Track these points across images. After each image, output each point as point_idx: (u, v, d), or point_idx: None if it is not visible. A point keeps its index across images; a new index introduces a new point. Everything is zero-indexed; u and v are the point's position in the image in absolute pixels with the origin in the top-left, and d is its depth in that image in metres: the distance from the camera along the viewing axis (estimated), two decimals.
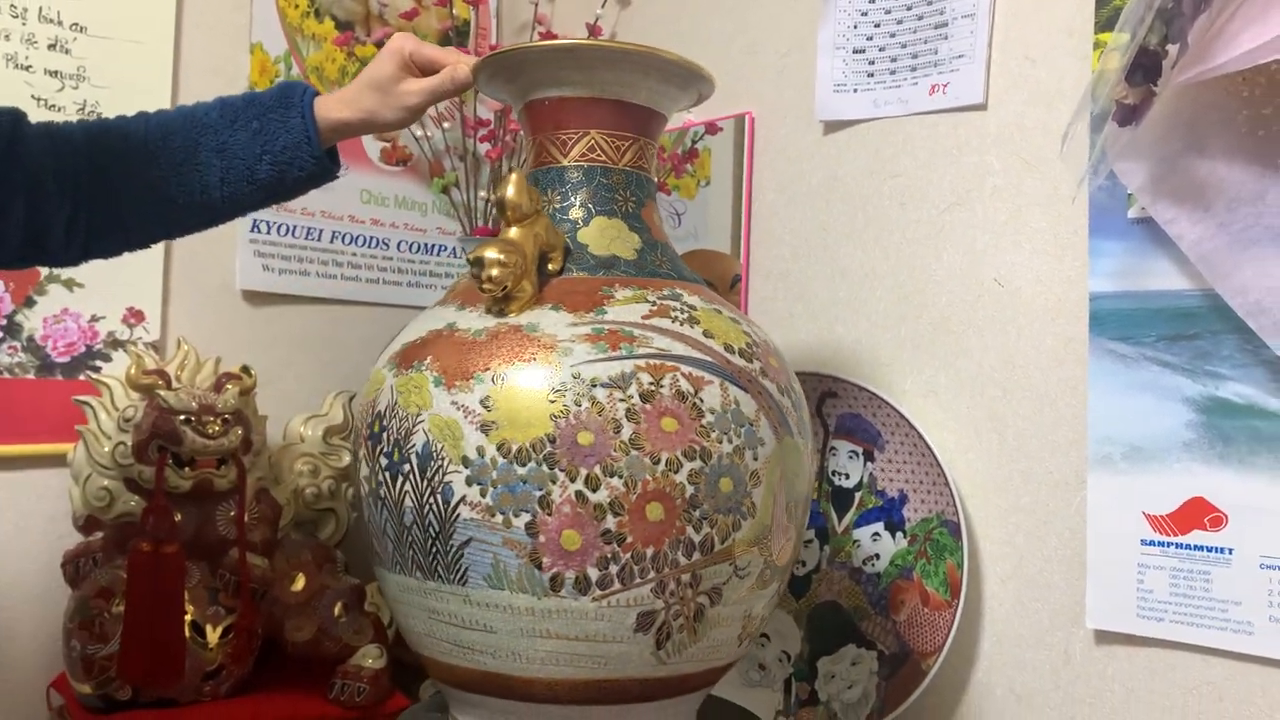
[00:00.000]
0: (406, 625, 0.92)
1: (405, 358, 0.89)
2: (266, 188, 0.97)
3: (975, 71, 1.14)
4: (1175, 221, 0.94)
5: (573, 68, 0.93)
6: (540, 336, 0.84)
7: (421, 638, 0.90)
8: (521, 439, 0.81)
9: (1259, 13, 0.82)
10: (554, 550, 0.81)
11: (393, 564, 0.89)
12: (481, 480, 0.81)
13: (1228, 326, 0.93)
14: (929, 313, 1.17)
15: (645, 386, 0.83)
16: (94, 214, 0.93)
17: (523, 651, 0.84)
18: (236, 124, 0.95)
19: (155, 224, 0.97)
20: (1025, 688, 1.07)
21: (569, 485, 0.81)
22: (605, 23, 1.58)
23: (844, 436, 1.20)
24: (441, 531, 0.83)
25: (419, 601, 0.87)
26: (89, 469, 1.22)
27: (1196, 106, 0.93)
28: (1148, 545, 0.98)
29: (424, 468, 0.83)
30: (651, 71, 0.94)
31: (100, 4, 1.33)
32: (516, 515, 0.81)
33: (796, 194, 1.32)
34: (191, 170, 0.94)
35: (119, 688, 1.16)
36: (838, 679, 1.16)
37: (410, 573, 0.87)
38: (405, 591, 0.89)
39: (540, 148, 0.97)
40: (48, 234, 0.91)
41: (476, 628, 0.85)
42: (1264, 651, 0.92)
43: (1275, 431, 0.91)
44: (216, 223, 1.00)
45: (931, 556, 1.11)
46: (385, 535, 0.88)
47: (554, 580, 0.81)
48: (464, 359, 0.84)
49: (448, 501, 0.82)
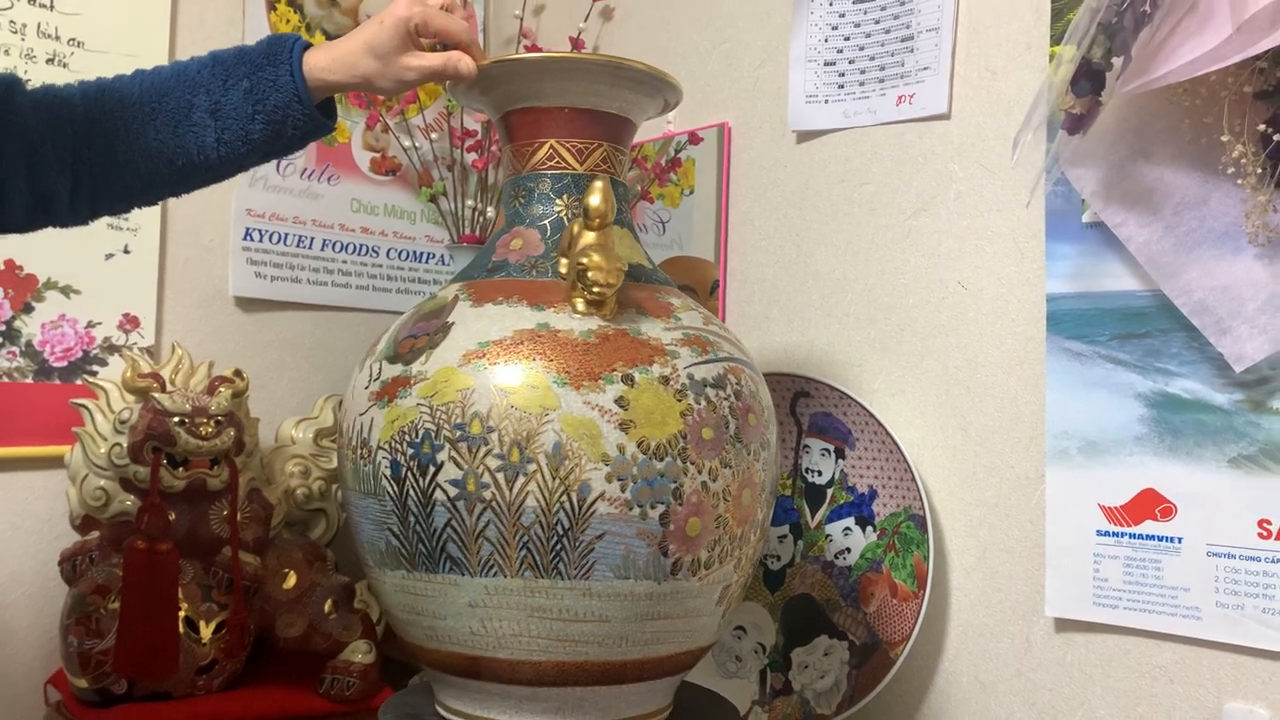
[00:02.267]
0: (483, 629, 0.90)
1: (495, 357, 0.88)
2: (263, 145, 0.96)
3: (939, 83, 1.19)
4: (1125, 225, 0.99)
5: (547, 79, 0.98)
6: (647, 340, 0.92)
7: (506, 639, 0.89)
8: (659, 436, 0.87)
9: (1197, 27, 0.86)
10: (680, 537, 0.89)
11: (481, 568, 0.87)
12: (622, 476, 0.86)
13: (1176, 325, 0.98)
14: (897, 315, 1.22)
15: (734, 386, 0.94)
16: (97, 176, 0.93)
17: (631, 635, 0.90)
18: (229, 82, 0.95)
19: (160, 184, 0.97)
20: (989, 675, 1.12)
21: (696, 477, 0.89)
22: (588, 36, 1.63)
23: (816, 435, 1.25)
24: (573, 527, 0.86)
25: (519, 602, 0.88)
26: (86, 470, 1.25)
27: (1143, 116, 0.97)
28: (1103, 536, 1.02)
29: (556, 467, 0.85)
30: (621, 81, 0.99)
31: (97, 20, 1.37)
32: (653, 507, 0.87)
33: (771, 202, 1.36)
34: (187, 131, 0.94)
35: (115, 681, 1.20)
36: (811, 669, 1.20)
37: (514, 573, 0.87)
38: (496, 594, 0.88)
39: (522, 155, 1.02)
40: (53, 198, 0.92)
41: (591, 619, 0.88)
42: (1211, 635, 0.96)
43: (1220, 425, 0.96)
44: (221, 179, 0.99)
45: (899, 550, 1.16)
46: (472, 538, 0.87)
47: (675, 565, 0.89)
48: (585, 361, 0.88)
49: (583, 498, 0.85)
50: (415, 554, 0.90)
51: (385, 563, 0.94)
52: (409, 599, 0.93)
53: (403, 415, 0.89)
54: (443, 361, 0.90)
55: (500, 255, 1.00)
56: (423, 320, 0.96)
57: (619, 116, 1.02)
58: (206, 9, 1.46)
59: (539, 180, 1.01)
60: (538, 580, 0.87)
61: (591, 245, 0.90)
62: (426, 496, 0.88)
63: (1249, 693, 0.95)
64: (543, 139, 1.00)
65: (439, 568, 0.89)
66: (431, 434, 0.88)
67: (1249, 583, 0.94)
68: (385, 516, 0.91)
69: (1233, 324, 0.93)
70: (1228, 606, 0.95)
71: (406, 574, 0.92)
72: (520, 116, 1.01)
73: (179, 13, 1.44)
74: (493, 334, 0.90)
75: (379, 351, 0.97)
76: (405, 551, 0.91)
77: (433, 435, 0.88)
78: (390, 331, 0.99)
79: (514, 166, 1.03)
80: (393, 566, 0.93)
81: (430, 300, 1.00)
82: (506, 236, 1.01)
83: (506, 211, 1.03)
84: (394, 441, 0.89)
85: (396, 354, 0.94)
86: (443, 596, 0.90)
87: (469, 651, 0.92)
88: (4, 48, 1.31)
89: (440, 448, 0.87)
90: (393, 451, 0.89)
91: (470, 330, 0.91)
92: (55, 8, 1.34)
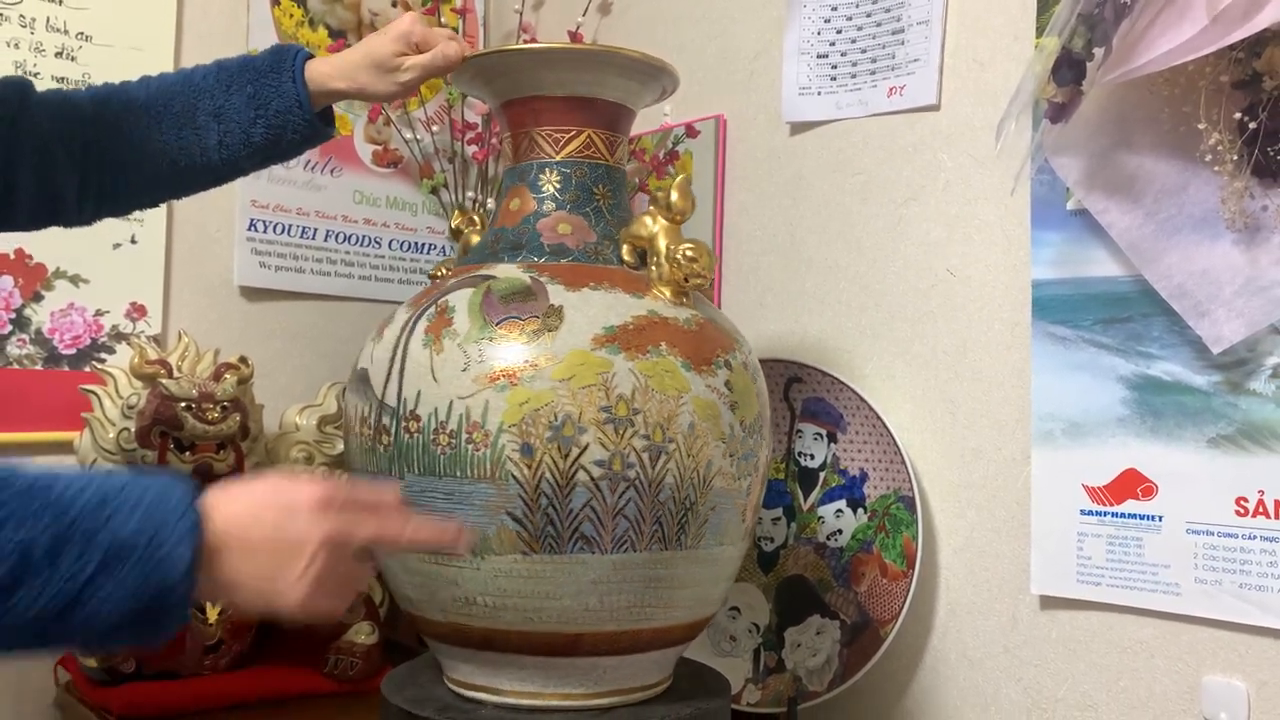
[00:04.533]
0: (600, 604, 0.92)
1: (628, 342, 0.91)
2: (263, 150, 1.01)
3: (929, 74, 1.21)
4: (1107, 212, 1.01)
5: (548, 69, 1.00)
6: (724, 328, 1.01)
7: (619, 612, 0.93)
8: (750, 416, 0.98)
9: (1175, 18, 0.89)
10: (752, 506, 1.00)
11: (613, 545, 0.90)
12: (732, 452, 0.95)
13: (1157, 310, 1.00)
14: (888, 301, 1.24)
15: (757, 368, 1.03)
16: (104, 178, 0.97)
17: (708, 596, 1.00)
18: (231, 88, 0.99)
19: (162, 186, 1.02)
20: (976, 651, 1.14)
21: (764, 452, 1.01)
22: (586, 30, 1.65)
23: (809, 419, 1.27)
24: (697, 501, 0.93)
25: (643, 574, 0.92)
26: (94, 454, 1.28)
27: (1124, 105, 1.00)
28: (1086, 515, 1.05)
29: (690, 445, 0.92)
30: (626, 70, 1.02)
31: (103, 14, 1.40)
32: (745, 479, 0.97)
33: (765, 192, 1.39)
34: (190, 134, 0.98)
35: (123, 661, 1.23)
36: (803, 647, 1.22)
37: (644, 547, 0.92)
38: (622, 569, 0.91)
39: (530, 143, 1.04)
40: (60, 199, 0.96)
41: (691, 584, 0.96)
42: (1190, 611, 0.99)
43: (1199, 406, 0.98)
44: (221, 182, 1.04)
45: (889, 530, 1.18)
46: (610, 517, 0.90)
47: (748, 530, 1.01)
48: (698, 347, 0.95)
49: (707, 474, 0.93)
50: (541, 536, 0.90)
51: (488, 549, 0.91)
52: (515, 583, 0.91)
53: (535, 397, 0.89)
54: (571, 344, 0.90)
55: (552, 239, 0.99)
56: (512, 302, 0.93)
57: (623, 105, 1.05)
58: (210, 3, 1.49)
59: (576, 167, 1.03)
60: (662, 553, 0.93)
61: (690, 241, 0.97)
62: (566, 478, 0.89)
63: (1227, 665, 0.97)
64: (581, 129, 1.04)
65: (567, 548, 0.90)
66: (574, 416, 0.89)
67: (1226, 559, 0.97)
68: (505, 501, 0.89)
69: (1211, 307, 0.95)
70: (1206, 582, 0.98)
71: (521, 558, 0.90)
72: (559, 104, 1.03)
73: (184, 7, 1.47)
74: (613, 319, 0.92)
75: (463, 334, 0.93)
76: (527, 534, 0.90)
77: (575, 417, 0.89)
78: (462, 311, 0.94)
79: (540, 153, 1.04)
80: (501, 552, 0.91)
81: (503, 281, 0.96)
82: (550, 220, 1.01)
83: (536, 196, 1.03)
84: (524, 424, 0.89)
85: (501, 336, 0.92)
86: (564, 576, 0.91)
87: (572, 630, 0.93)
88: (14, 41, 1.34)
89: (585, 429, 0.89)
90: (523, 435, 0.89)
91: (586, 315, 0.92)
92: (64, 3, 1.37)
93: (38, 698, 1.33)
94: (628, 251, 1.00)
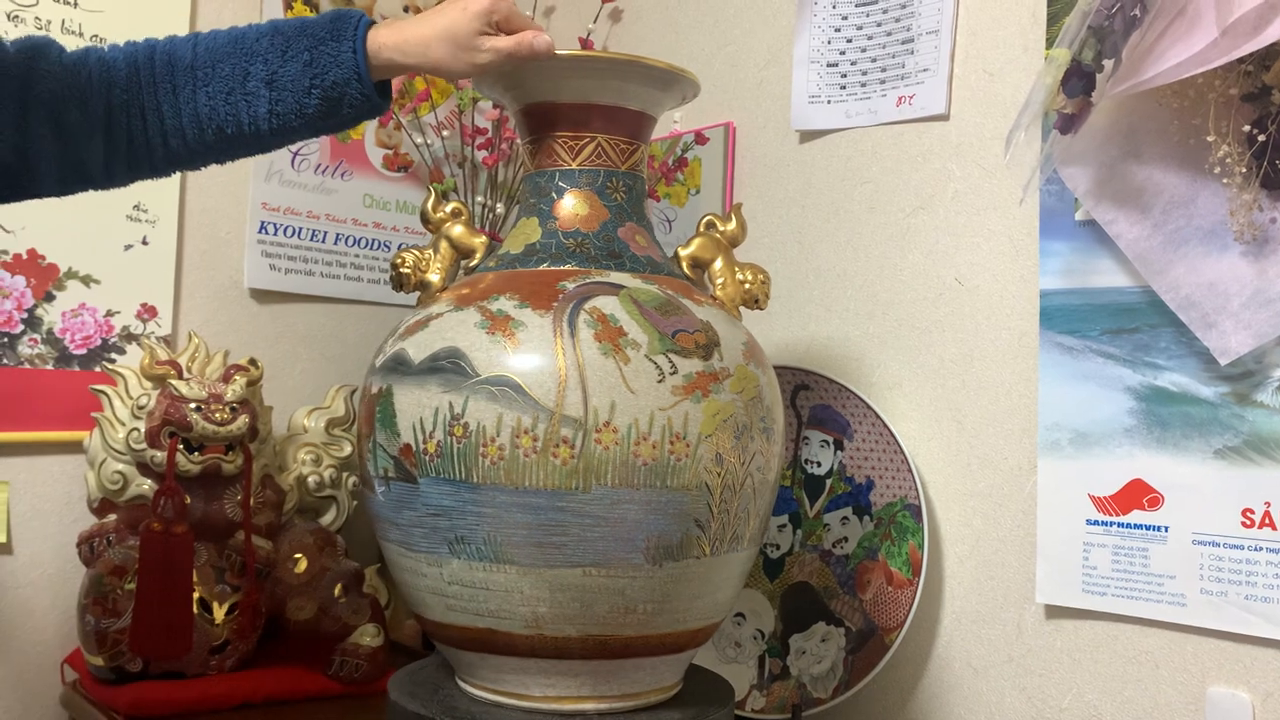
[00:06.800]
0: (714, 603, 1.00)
1: (750, 356, 1.00)
2: (316, 120, 0.95)
3: (938, 84, 1.22)
4: (1115, 223, 1.02)
5: (572, 76, 1.02)
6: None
7: (721, 606, 1.02)
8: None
9: (1185, 31, 0.89)
10: None
11: (750, 541, 1.00)
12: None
13: (1164, 320, 1.01)
14: (895, 310, 1.25)
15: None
16: (136, 140, 0.93)
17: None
18: (288, 54, 0.93)
19: (206, 151, 0.96)
20: (981, 660, 1.14)
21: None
22: (597, 37, 1.66)
23: (816, 427, 1.28)
24: (771, 499, 1.04)
25: (743, 570, 1.02)
26: (104, 454, 1.29)
27: (1134, 117, 1.00)
28: (1092, 525, 1.05)
29: (765, 450, 1.00)
30: (649, 78, 1.04)
31: (119, 17, 1.40)
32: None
33: (774, 200, 1.40)
34: (241, 100, 0.93)
35: (130, 660, 1.23)
36: (808, 654, 1.23)
37: (744, 546, 0.99)
38: (727, 567, 0.98)
39: (597, 150, 1.06)
40: (86, 164, 0.92)
41: (722, 586, 1.01)
42: (1195, 621, 0.99)
43: (1206, 417, 0.99)
44: (267, 150, 0.99)
45: (895, 538, 1.19)
46: (759, 518, 1.00)
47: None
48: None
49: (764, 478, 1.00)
50: (719, 538, 0.96)
51: (669, 555, 0.93)
52: (675, 586, 0.95)
53: (723, 409, 0.94)
54: (735, 359, 0.98)
55: (639, 251, 1.03)
56: (670, 314, 0.96)
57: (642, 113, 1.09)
58: (225, 7, 1.49)
59: (634, 179, 1.08)
60: (753, 548, 1.02)
61: (742, 263, 1.08)
62: (740, 482, 0.96)
63: (1232, 677, 0.97)
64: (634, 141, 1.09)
65: (730, 547, 0.97)
66: (747, 426, 0.96)
67: (1232, 570, 0.97)
68: (696, 508, 0.93)
69: (1218, 319, 0.96)
70: (1212, 593, 0.98)
71: (696, 560, 0.94)
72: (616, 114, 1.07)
73: (198, 10, 1.47)
74: (741, 335, 1.01)
75: (644, 344, 0.93)
76: (707, 538, 0.94)
77: (748, 427, 0.96)
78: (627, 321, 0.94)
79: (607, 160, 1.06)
80: (679, 557, 0.93)
81: (643, 292, 0.97)
82: (626, 229, 1.04)
83: (608, 204, 1.04)
84: (718, 434, 0.94)
85: (682, 349, 0.94)
86: (716, 575, 0.98)
87: (696, 625, 1.00)
88: None
89: (753, 438, 0.97)
90: (717, 444, 0.94)
91: (724, 329, 0.99)
92: (79, 5, 1.38)
93: (44, 696, 1.34)
94: (687, 267, 1.08)
